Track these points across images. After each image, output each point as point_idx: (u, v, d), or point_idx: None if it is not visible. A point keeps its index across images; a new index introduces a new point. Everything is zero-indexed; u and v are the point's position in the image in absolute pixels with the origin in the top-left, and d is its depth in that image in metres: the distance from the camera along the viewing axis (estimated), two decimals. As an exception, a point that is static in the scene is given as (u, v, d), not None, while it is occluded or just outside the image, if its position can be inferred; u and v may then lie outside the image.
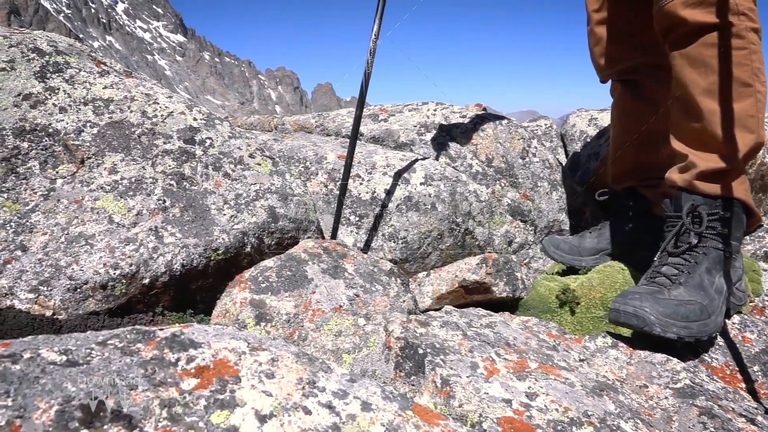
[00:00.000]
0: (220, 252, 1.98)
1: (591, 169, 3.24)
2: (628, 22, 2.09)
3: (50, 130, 2.04)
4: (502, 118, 3.15)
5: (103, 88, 2.22)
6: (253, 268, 1.70)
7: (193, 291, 1.98)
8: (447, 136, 2.96)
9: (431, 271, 2.01)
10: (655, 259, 1.67)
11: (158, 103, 2.25)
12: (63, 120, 2.07)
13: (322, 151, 2.70)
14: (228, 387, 0.79)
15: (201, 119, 2.29)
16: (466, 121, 3.05)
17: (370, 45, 2.07)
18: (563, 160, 4.16)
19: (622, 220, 2.26)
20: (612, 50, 2.18)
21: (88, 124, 2.10)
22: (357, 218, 2.48)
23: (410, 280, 2.05)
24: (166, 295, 1.91)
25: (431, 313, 1.75)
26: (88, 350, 0.78)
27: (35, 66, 2.18)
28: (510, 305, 2.04)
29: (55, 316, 1.73)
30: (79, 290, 1.76)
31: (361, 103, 2.11)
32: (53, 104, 2.10)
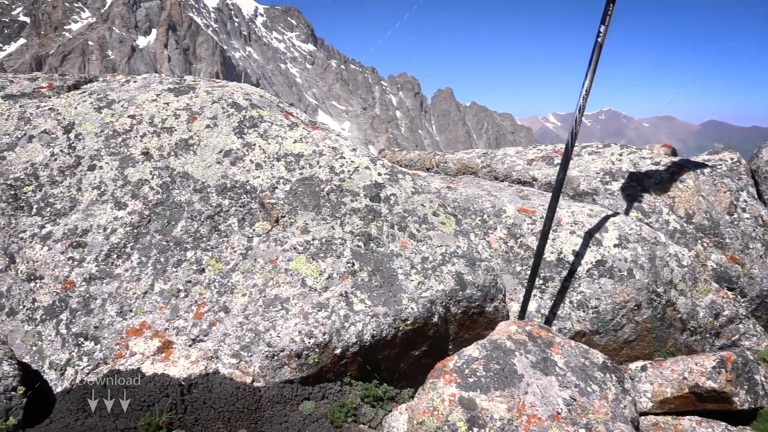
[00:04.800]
0: (408, 322, 1.88)
1: (814, 226, 2.72)
2: None
3: (248, 187, 2.08)
4: (703, 166, 2.75)
5: (294, 143, 2.24)
6: (456, 357, 1.57)
7: (378, 360, 1.91)
8: (638, 186, 2.64)
9: (647, 364, 1.75)
10: None
11: (344, 158, 2.23)
12: (259, 177, 2.11)
13: (499, 203, 2.53)
14: None
15: (385, 174, 2.23)
16: (661, 168, 2.70)
17: (580, 101, 1.86)
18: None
19: None
20: None
21: (281, 181, 2.12)
22: (541, 281, 2.27)
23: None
24: (355, 364, 1.85)
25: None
26: None
27: (234, 121, 2.25)
28: (743, 412, 1.71)
29: (254, 384, 1.73)
30: (276, 358, 1.75)
31: (564, 164, 1.91)
32: (250, 160, 2.15)
